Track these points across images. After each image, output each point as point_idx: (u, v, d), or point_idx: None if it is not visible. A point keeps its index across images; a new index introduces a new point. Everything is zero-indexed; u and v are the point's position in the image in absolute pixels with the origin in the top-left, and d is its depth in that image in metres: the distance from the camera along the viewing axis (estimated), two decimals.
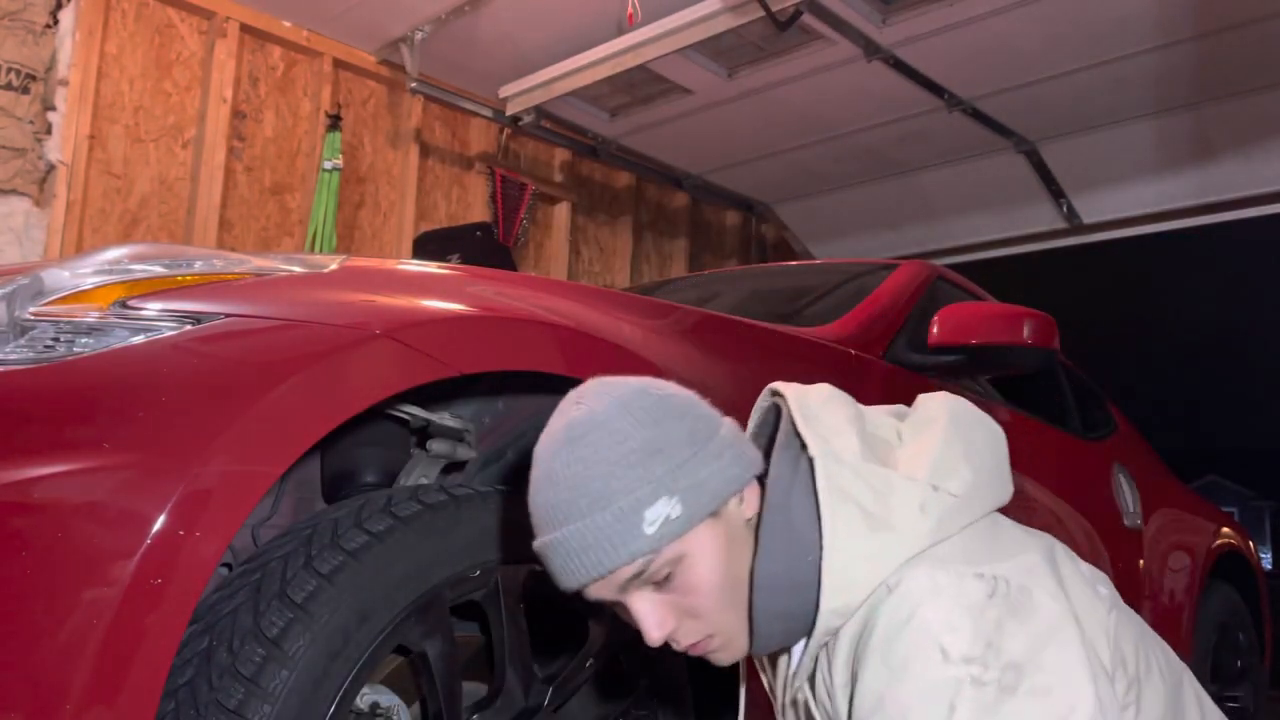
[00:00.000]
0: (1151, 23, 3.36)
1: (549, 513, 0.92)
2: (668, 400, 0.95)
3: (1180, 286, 10.76)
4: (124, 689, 0.87)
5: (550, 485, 0.92)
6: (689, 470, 0.91)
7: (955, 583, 0.89)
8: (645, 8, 3.36)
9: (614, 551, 0.89)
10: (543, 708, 1.21)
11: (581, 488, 0.89)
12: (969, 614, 0.87)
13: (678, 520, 0.90)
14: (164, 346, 1.01)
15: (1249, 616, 3.45)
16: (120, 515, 0.89)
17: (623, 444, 0.90)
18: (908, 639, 0.87)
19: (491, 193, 4.40)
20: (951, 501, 0.95)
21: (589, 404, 0.93)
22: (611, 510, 0.89)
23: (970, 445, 1.00)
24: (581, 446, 0.91)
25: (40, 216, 3.17)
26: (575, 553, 0.90)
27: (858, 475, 0.95)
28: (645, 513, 0.89)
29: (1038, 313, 2.09)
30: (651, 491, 0.89)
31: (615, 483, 0.89)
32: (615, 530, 0.89)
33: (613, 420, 0.91)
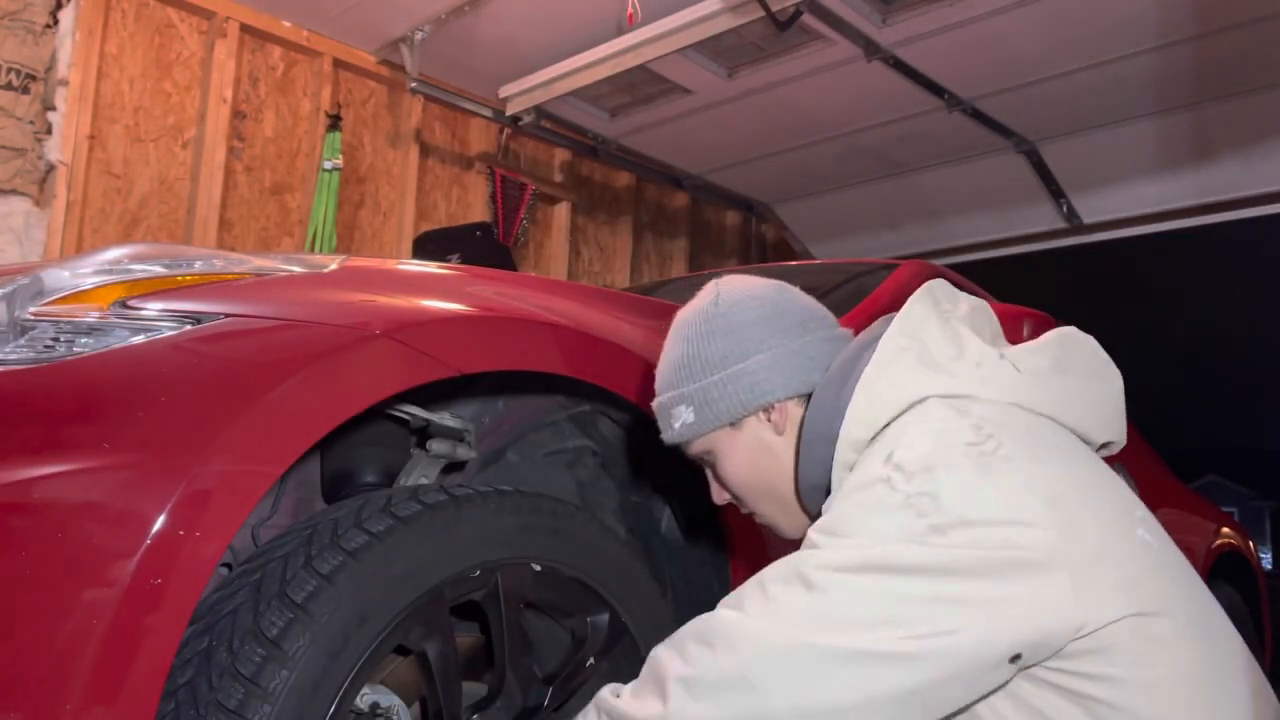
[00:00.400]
0: (1151, 23, 3.36)
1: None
2: (722, 319, 1.13)
3: (1180, 286, 10.77)
4: (124, 689, 0.87)
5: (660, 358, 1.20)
6: (705, 389, 1.12)
7: (951, 418, 0.92)
8: (645, 8, 3.36)
9: (662, 431, 1.19)
10: (543, 708, 1.21)
11: (662, 376, 1.19)
12: (935, 440, 0.90)
13: (692, 425, 1.14)
14: (164, 346, 1.01)
15: (1249, 616, 3.44)
16: (120, 515, 0.89)
17: (676, 353, 1.16)
18: (881, 441, 0.94)
19: (491, 193, 4.40)
20: (1011, 372, 0.98)
21: (696, 301, 1.17)
22: (661, 399, 1.18)
23: (1065, 354, 1.03)
24: (672, 339, 1.19)
25: (40, 216, 3.17)
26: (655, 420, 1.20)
27: (944, 324, 1.02)
28: (672, 412, 1.16)
29: (1038, 313, 2.08)
30: (676, 397, 1.15)
31: (662, 383, 1.18)
32: (661, 419, 1.19)
33: (691, 325, 1.16)
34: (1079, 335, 1.08)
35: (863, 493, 0.90)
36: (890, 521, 0.87)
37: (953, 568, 0.84)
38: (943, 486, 0.87)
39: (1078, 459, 0.97)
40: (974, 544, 0.84)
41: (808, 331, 1.14)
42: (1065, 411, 1.01)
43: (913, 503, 0.87)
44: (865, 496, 0.90)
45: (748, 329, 1.13)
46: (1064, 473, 0.92)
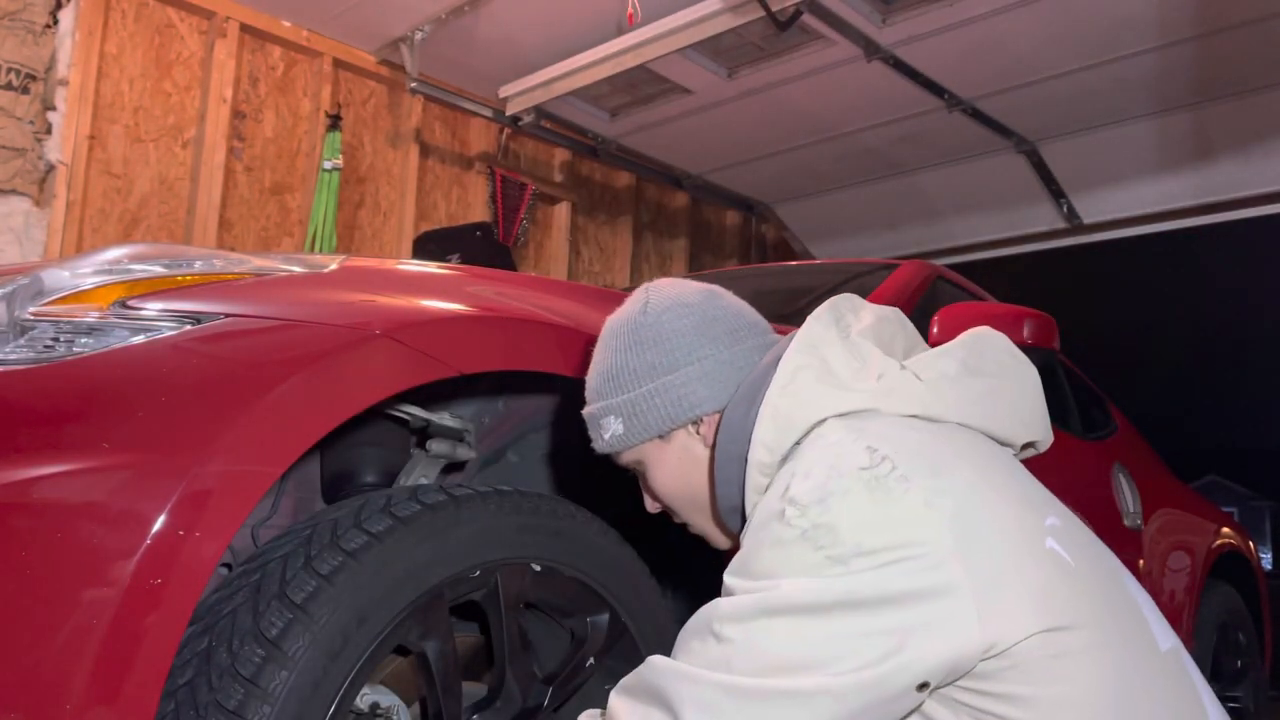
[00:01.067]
0: (1151, 23, 3.36)
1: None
2: (649, 329, 1.11)
3: (1180, 286, 10.77)
4: (124, 689, 0.87)
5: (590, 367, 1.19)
6: (633, 401, 1.11)
7: (845, 442, 0.91)
8: (645, 8, 3.36)
9: (593, 442, 1.17)
10: (543, 708, 1.21)
11: (588, 381, 1.17)
12: (829, 469, 0.89)
13: (621, 436, 1.13)
14: (164, 346, 1.01)
15: (1249, 616, 3.44)
16: (120, 515, 0.89)
17: (605, 362, 1.14)
18: (782, 473, 0.94)
19: (491, 193, 4.40)
20: (914, 383, 0.97)
21: (623, 309, 1.15)
22: (589, 411, 1.16)
23: (974, 354, 1.02)
24: (600, 345, 1.17)
25: (40, 216, 3.17)
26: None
27: (845, 344, 1.01)
28: (601, 422, 1.14)
29: (1038, 313, 2.08)
30: (605, 408, 1.13)
31: (591, 393, 1.16)
32: (591, 428, 1.17)
33: (609, 339, 1.15)
34: (989, 334, 1.07)
35: (763, 530, 0.89)
36: (789, 557, 0.86)
37: (853, 599, 0.82)
38: (837, 516, 0.85)
39: (985, 468, 0.94)
40: (871, 570, 0.82)
41: (738, 341, 1.11)
42: (975, 415, 0.99)
43: (809, 536, 0.85)
44: (765, 534, 0.89)
45: (676, 339, 1.10)
46: (965, 486, 0.89)
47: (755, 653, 0.84)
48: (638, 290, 1.16)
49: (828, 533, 0.85)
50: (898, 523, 0.84)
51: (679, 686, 0.87)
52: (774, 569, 0.86)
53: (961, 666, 0.83)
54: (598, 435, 1.15)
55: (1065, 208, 4.55)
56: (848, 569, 0.83)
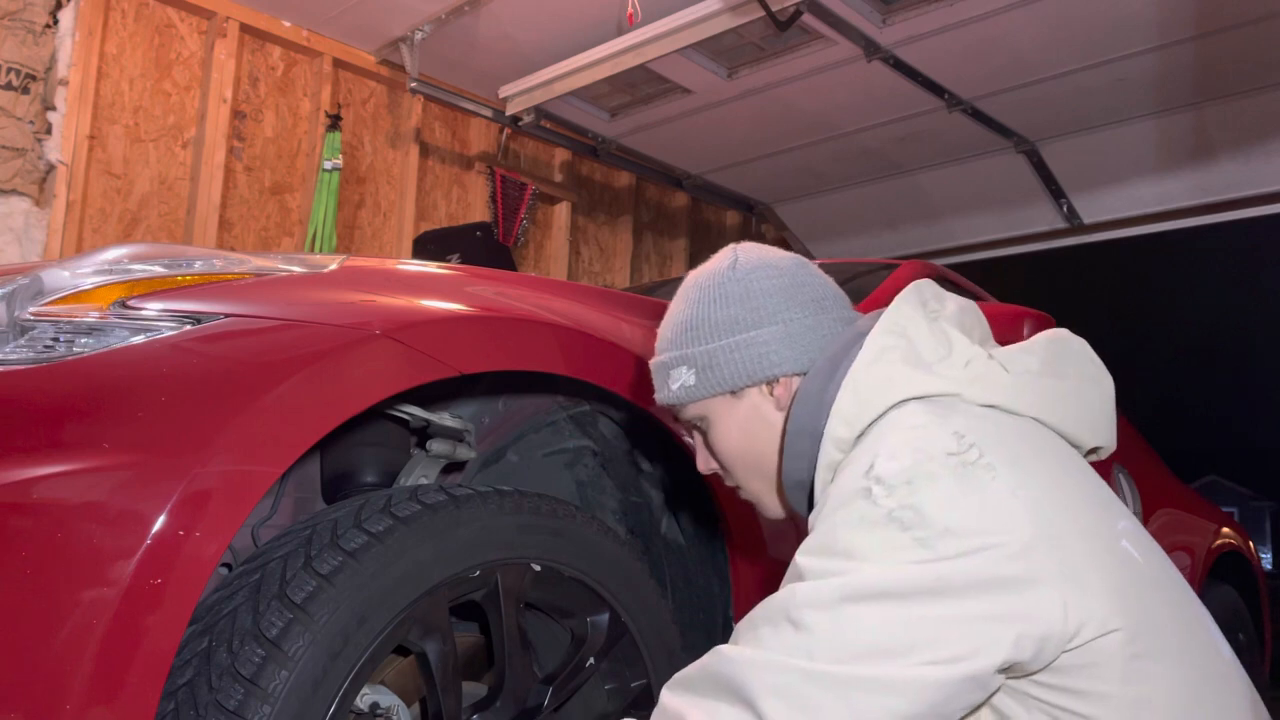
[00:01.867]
0: (1151, 23, 3.36)
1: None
2: (737, 284, 1.10)
3: (1180, 286, 10.76)
4: (124, 689, 0.87)
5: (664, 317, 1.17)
6: (711, 353, 1.09)
7: (932, 424, 0.90)
8: (645, 8, 3.36)
9: (660, 391, 1.16)
10: (543, 708, 1.21)
11: (664, 334, 1.16)
12: (916, 453, 0.88)
13: (692, 388, 1.11)
14: (164, 346, 1.01)
15: (1249, 616, 3.44)
16: (120, 515, 0.89)
17: (690, 310, 1.12)
18: (860, 452, 0.92)
19: (491, 193, 4.40)
20: (999, 372, 0.97)
21: (713, 262, 1.15)
22: (660, 358, 1.15)
23: (1056, 355, 1.02)
24: (679, 298, 1.15)
25: (40, 216, 3.16)
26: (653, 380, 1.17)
27: (930, 324, 1.01)
28: (672, 372, 1.13)
29: (1038, 313, 2.09)
30: (678, 358, 1.12)
31: (674, 339, 1.13)
32: (659, 376, 1.15)
33: (704, 285, 1.12)
34: (1070, 337, 1.07)
35: (845, 509, 0.88)
36: (874, 538, 0.85)
37: (942, 585, 0.82)
38: (925, 499, 0.85)
39: (1062, 465, 0.95)
40: (960, 556, 0.82)
41: (823, 310, 1.11)
42: (1053, 414, 0.99)
43: (896, 517, 0.84)
44: (848, 513, 0.87)
45: (763, 298, 1.09)
46: (1047, 480, 0.90)
47: (840, 639, 0.82)
48: (724, 250, 1.15)
49: (915, 514, 0.84)
50: (985, 510, 0.84)
51: (756, 676, 0.84)
52: (858, 548, 0.85)
53: (1044, 656, 0.83)
54: (664, 385, 1.14)
55: (1065, 208, 4.55)
56: (935, 553, 0.82)
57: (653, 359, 1.17)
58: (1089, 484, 0.96)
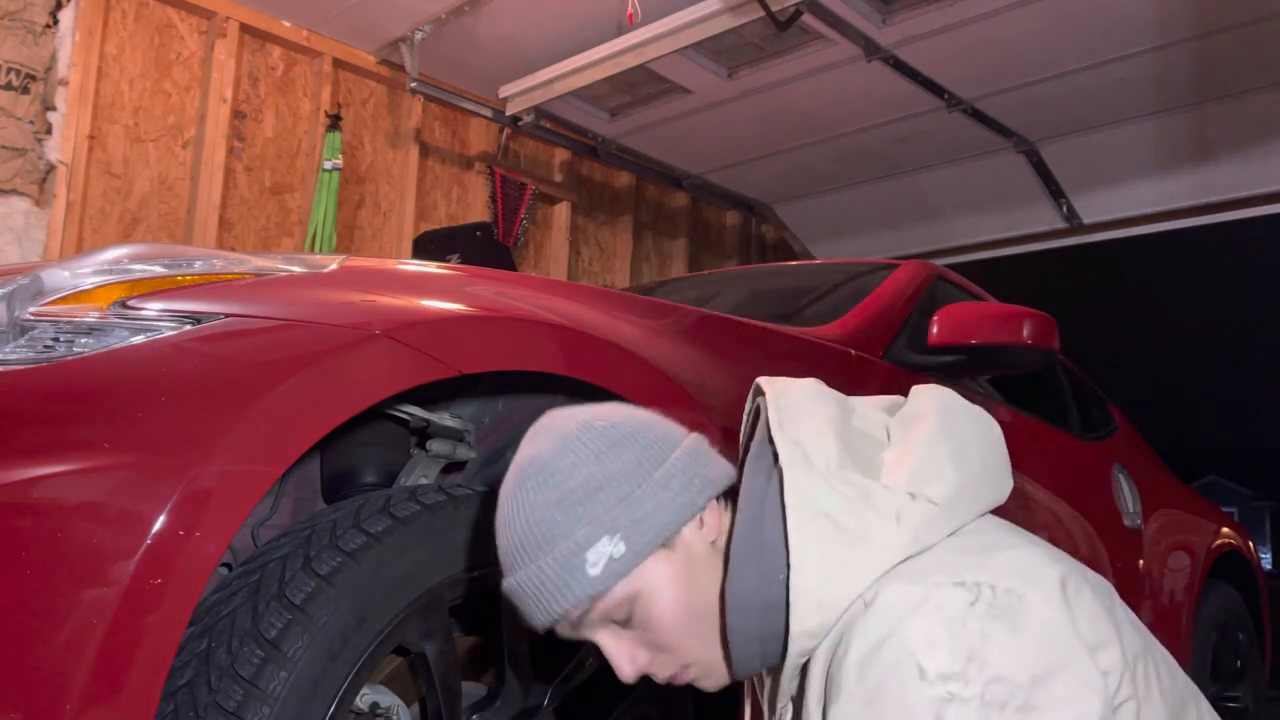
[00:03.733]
0: (1151, 23, 3.36)
1: (504, 558, 0.92)
2: (612, 431, 0.92)
3: (1180, 286, 10.74)
4: (124, 689, 0.87)
5: (503, 531, 0.92)
6: (631, 505, 0.89)
7: (933, 594, 0.82)
8: (645, 8, 3.36)
9: (560, 596, 0.88)
10: (543, 708, 1.21)
11: (526, 533, 0.89)
12: (947, 626, 0.80)
13: (623, 559, 0.88)
14: (164, 346, 1.01)
15: (1249, 616, 3.44)
16: (120, 515, 0.89)
17: (563, 485, 0.89)
18: (883, 660, 0.81)
19: (491, 193, 4.40)
20: (931, 509, 0.89)
21: (536, 444, 0.93)
22: (553, 555, 0.88)
23: (958, 444, 0.94)
24: (527, 490, 0.90)
25: (40, 216, 3.17)
26: (530, 598, 0.90)
27: (830, 486, 0.89)
28: (587, 554, 0.87)
29: (1038, 313, 2.08)
30: (591, 532, 0.88)
31: (555, 527, 0.88)
32: (559, 575, 0.88)
33: (554, 460, 0.90)
34: (950, 404, 0.98)
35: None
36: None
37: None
38: (996, 662, 0.78)
39: (1037, 544, 0.92)
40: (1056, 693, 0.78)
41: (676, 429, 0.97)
42: (983, 504, 0.94)
43: (988, 700, 0.77)
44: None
45: (646, 432, 0.93)
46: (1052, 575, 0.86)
47: None
48: (538, 432, 0.95)
49: (1000, 686, 0.77)
50: (1041, 639, 0.80)
51: None
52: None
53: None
54: (570, 583, 0.88)
55: (1065, 208, 4.55)
56: (1039, 709, 0.77)
57: (511, 578, 0.91)
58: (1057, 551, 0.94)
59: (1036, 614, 0.81)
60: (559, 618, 0.90)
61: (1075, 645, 0.80)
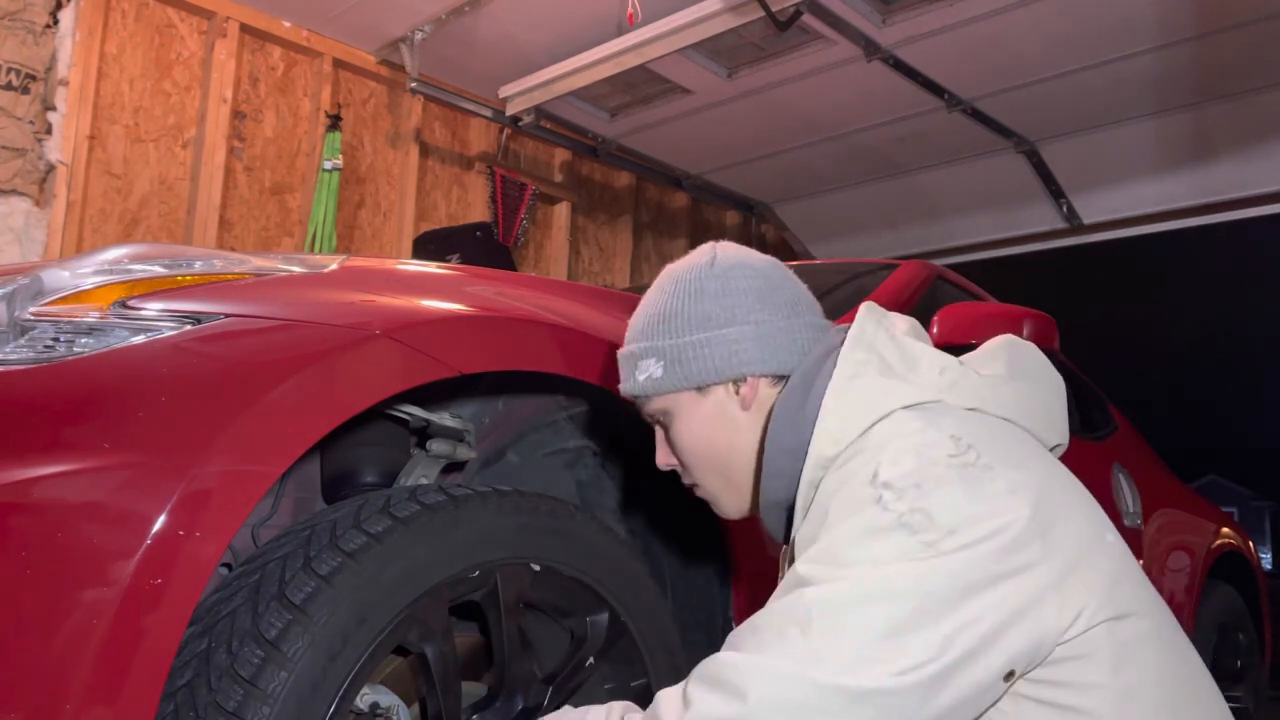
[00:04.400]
0: (1151, 23, 3.36)
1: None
2: (714, 281, 1.09)
3: (1180, 286, 10.74)
4: (124, 689, 0.87)
5: (635, 311, 1.16)
6: (680, 347, 1.08)
7: (926, 429, 0.92)
8: (645, 8, 3.36)
9: (624, 380, 1.15)
10: (543, 708, 1.21)
11: (634, 323, 1.15)
12: (918, 456, 0.89)
13: (658, 380, 1.10)
14: (164, 346, 1.01)
15: (1249, 616, 3.44)
16: (120, 515, 0.89)
17: (663, 301, 1.11)
18: (859, 460, 0.92)
19: (491, 193, 4.40)
20: (974, 378, 1.00)
21: (689, 257, 1.14)
22: (629, 349, 1.14)
23: (1016, 359, 1.06)
24: (655, 288, 1.14)
25: (40, 216, 3.17)
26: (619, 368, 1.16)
27: (892, 340, 1.03)
28: (640, 363, 1.12)
29: (1038, 313, 2.08)
30: (647, 349, 1.11)
31: (636, 331, 1.14)
32: (625, 368, 1.15)
33: (679, 277, 1.12)
34: (1022, 342, 1.10)
35: (854, 517, 0.88)
36: (886, 544, 0.85)
37: (951, 586, 0.83)
38: (934, 502, 0.86)
39: (1047, 462, 0.99)
40: (969, 556, 0.84)
41: (795, 314, 1.11)
42: (1023, 415, 1.02)
43: (906, 521, 0.85)
44: (857, 521, 0.87)
45: (737, 296, 1.09)
46: (1040, 477, 0.92)
47: (851, 645, 0.82)
48: (703, 246, 1.15)
49: (924, 518, 0.85)
50: (987, 509, 0.86)
51: (756, 682, 0.83)
52: (868, 555, 0.85)
53: (1042, 652, 0.85)
54: (630, 376, 1.13)
55: (1065, 208, 4.55)
56: (939, 553, 0.84)
57: (621, 349, 1.16)
58: (1069, 479, 0.99)
59: (994, 495, 0.87)
60: (623, 394, 1.16)
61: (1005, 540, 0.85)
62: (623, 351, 1.15)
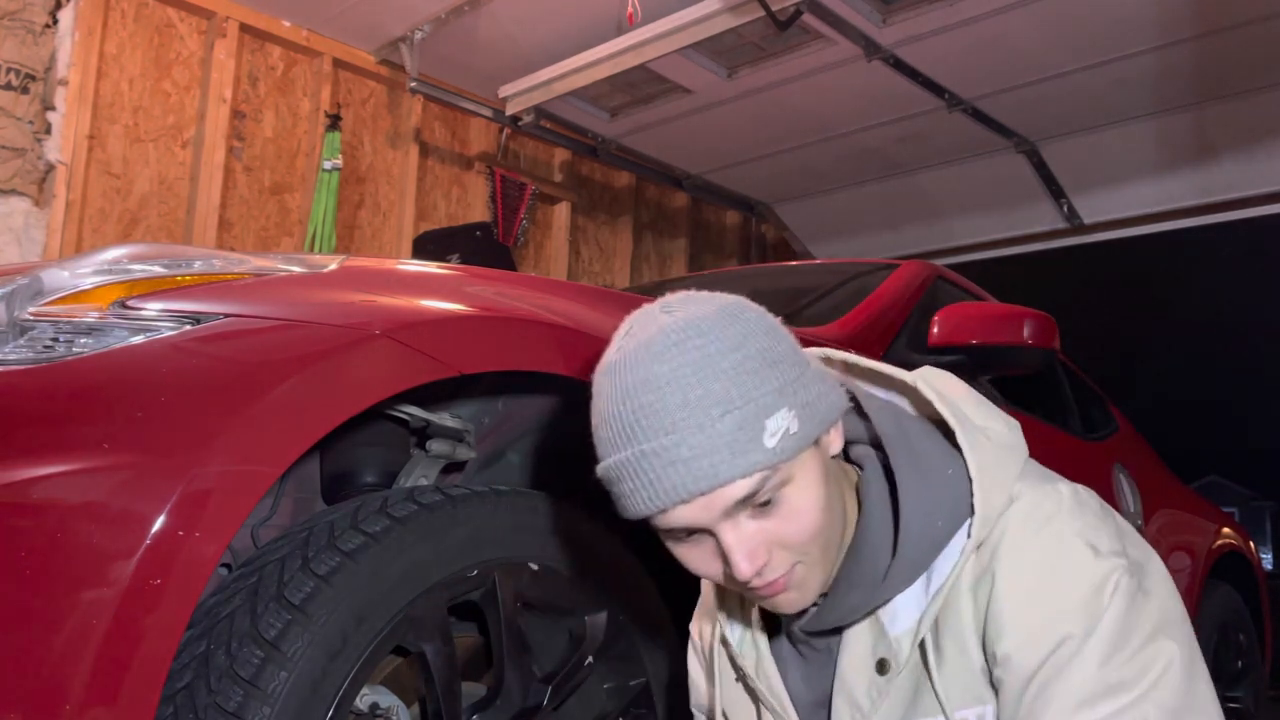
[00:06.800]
0: (1151, 23, 3.36)
1: (648, 420, 0.80)
2: (768, 316, 0.88)
3: (1180, 286, 10.78)
4: (123, 689, 0.87)
5: (651, 389, 0.80)
6: (802, 386, 0.84)
7: (1071, 491, 0.93)
8: (645, 8, 3.36)
9: (733, 461, 0.79)
10: (542, 707, 1.21)
11: (696, 390, 0.79)
12: (1099, 517, 0.91)
13: (795, 436, 0.81)
14: (164, 346, 1.01)
15: (1249, 617, 3.44)
16: (120, 515, 0.89)
17: (739, 349, 0.82)
18: (1052, 540, 0.88)
19: (491, 193, 4.39)
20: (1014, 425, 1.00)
21: (686, 310, 0.85)
22: (733, 416, 0.79)
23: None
24: (691, 349, 0.81)
25: (40, 216, 3.16)
26: (683, 461, 0.79)
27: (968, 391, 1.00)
28: (767, 422, 0.80)
29: (1038, 313, 2.08)
30: (774, 401, 0.81)
31: (734, 388, 0.80)
32: (735, 438, 0.79)
33: (722, 326, 0.83)
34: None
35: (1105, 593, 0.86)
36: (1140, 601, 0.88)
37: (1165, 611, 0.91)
38: (1129, 551, 0.91)
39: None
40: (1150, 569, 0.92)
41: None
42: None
43: (1135, 574, 0.89)
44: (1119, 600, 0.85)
45: (785, 329, 0.90)
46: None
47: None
48: (674, 303, 0.89)
49: (1138, 569, 0.90)
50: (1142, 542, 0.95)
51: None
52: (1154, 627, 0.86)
53: None
54: (753, 447, 0.80)
55: (1065, 208, 4.55)
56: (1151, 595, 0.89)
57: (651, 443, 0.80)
58: None
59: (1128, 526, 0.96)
60: (712, 488, 0.79)
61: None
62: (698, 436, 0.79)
